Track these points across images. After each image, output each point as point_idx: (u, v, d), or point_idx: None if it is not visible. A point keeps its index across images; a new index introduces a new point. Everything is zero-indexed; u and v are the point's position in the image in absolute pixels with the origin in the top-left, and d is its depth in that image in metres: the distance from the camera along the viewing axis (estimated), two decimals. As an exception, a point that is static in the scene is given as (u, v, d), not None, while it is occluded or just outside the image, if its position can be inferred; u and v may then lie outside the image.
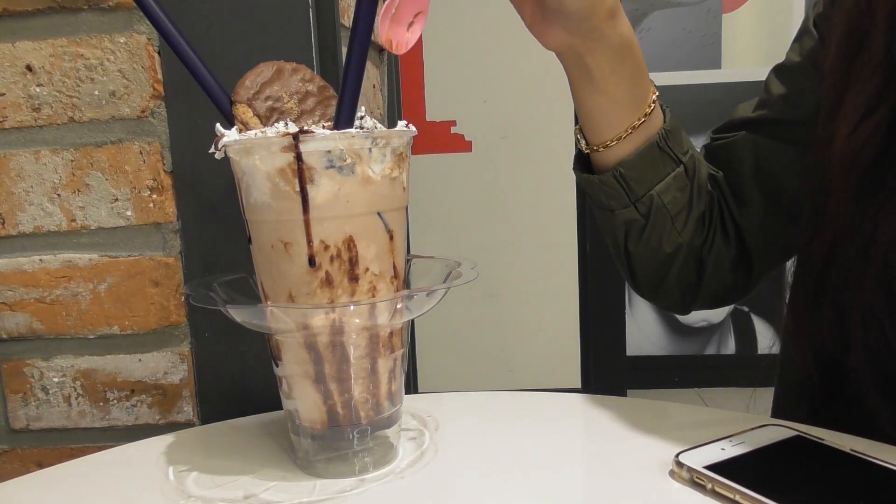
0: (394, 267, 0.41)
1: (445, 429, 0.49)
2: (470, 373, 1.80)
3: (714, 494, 0.37)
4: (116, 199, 0.58)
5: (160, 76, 0.56)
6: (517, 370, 1.81)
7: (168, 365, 0.60)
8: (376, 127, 0.40)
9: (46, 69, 0.56)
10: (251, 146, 0.38)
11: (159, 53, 0.56)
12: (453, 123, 1.74)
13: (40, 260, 0.59)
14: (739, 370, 2.46)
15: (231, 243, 0.57)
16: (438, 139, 1.74)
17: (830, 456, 0.39)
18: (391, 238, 0.40)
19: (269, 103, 0.42)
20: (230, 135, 0.39)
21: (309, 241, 0.38)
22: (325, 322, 0.39)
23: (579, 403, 0.52)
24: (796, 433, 0.42)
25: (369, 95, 0.78)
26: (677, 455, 0.40)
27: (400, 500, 0.39)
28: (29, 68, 0.56)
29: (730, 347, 2.59)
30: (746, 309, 2.55)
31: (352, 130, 0.38)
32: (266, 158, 0.38)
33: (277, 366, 0.42)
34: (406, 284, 0.45)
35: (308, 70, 0.44)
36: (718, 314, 2.56)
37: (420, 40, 0.47)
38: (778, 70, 0.61)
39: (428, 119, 1.73)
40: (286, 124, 0.39)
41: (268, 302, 0.41)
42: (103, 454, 0.48)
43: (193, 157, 0.57)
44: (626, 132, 0.54)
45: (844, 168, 0.48)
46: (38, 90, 0.57)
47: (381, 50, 0.90)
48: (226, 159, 0.40)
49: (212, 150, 0.40)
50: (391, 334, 0.42)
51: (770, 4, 2.40)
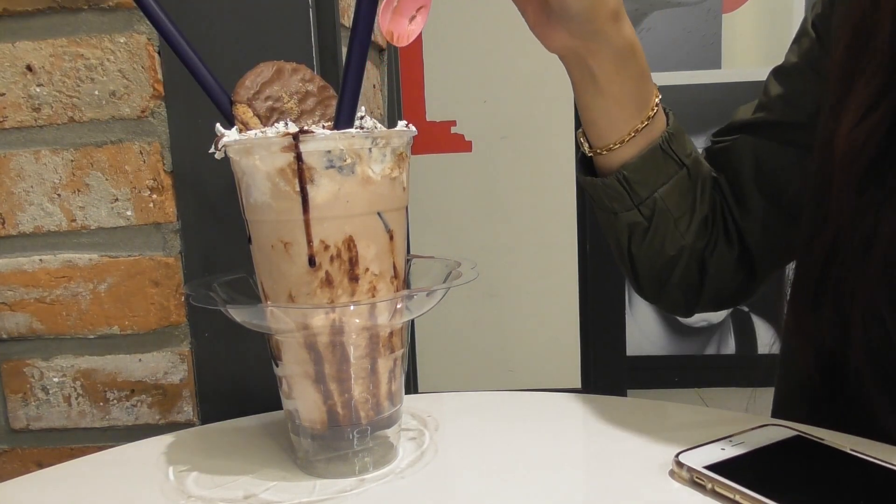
0: (394, 267, 0.41)
1: (445, 429, 0.49)
2: (470, 373, 1.80)
3: (714, 494, 0.37)
4: (116, 199, 0.58)
5: (160, 76, 0.56)
6: (517, 370, 1.81)
7: (168, 365, 0.60)
8: (376, 127, 0.40)
9: (46, 69, 0.56)
10: (251, 146, 0.38)
11: (159, 53, 0.56)
12: (453, 123, 1.74)
13: (40, 260, 0.59)
14: (739, 370, 2.46)
15: (231, 243, 0.57)
16: (438, 139, 1.73)
17: (830, 456, 0.39)
18: (391, 238, 0.40)
19: (269, 103, 0.42)
20: (230, 135, 0.39)
21: (309, 241, 0.38)
22: (325, 322, 0.39)
23: (579, 403, 0.52)
24: (796, 433, 0.42)
25: (369, 95, 0.78)
26: (677, 455, 0.40)
27: (400, 500, 0.39)
28: (29, 68, 0.56)
29: (730, 347, 2.59)
30: (746, 309, 2.55)
31: (352, 130, 0.38)
32: (266, 158, 0.38)
33: (277, 366, 0.42)
34: (406, 284, 0.45)
35: (308, 70, 0.44)
36: (718, 314, 2.56)
37: (420, 40, 0.47)
38: (777, 72, 0.61)
39: (428, 119, 1.73)
40: (286, 124, 0.39)
41: (268, 302, 0.41)
42: (103, 454, 0.48)
43: (193, 157, 0.57)
44: (630, 135, 0.54)
45: (846, 165, 0.48)
46: (38, 90, 0.57)
47: (381, 50, 0.90)
48: (226, 159, 0.40)
49: (212, 150, 0.40)
50: (391, 334, 0.42)
51: (770, 4, 2.40)
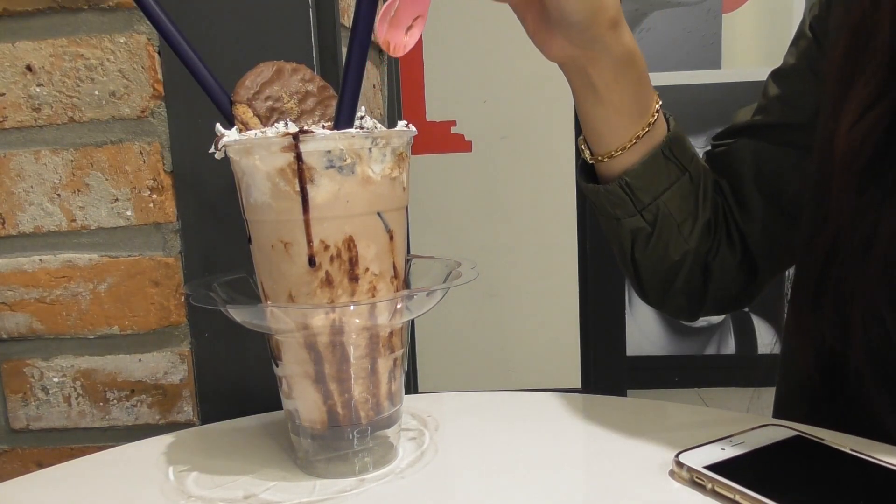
0: (394, 267, 0.41)
1: (445, 429, 0.49)
2: (470, 373, 1.80)
3: (714, 494, 0.37)
4: (116, 199, 0.58)
5: (160, 76, 0.56)
6: (517, 370, 1.81)
7: (168, 365, 0.60)
8: (376, 127, 0.40)
9: (46, 69, 0.56)
10: (251, 146, 0.38)
11: (159, 53, 0.56)
12: (453, 123, 1.74)
13: (40, 260, 0.59)
14: (739, 370, 2.46)
15: (231, 243, 0.57)
16: (438, 139, 1.73)
17: (830, 456, 0.39)
18: (391, 238, 0.40)
19: (269, 103, 0.42)
20: (230, 135, 0.39)
21: (309, 241, 0.38)
22: (325, 322, 0.39)
23: (579, 403, 0.52)
24: (796, 433, 0.42)
25: (369, 95, 0.78)
26: (677, 455, 0.40)
27: (400, 500, 0.39)
28: (29, 68, 0.56)
29: (730, 347, 2.59)
30: (746, 309, 2.55)
31: (352, 130, 0.38)
32: (266, 158, 0.38)
33: (277, 366, 0.42)
34: (406, 284, 0.45)
35: (308, 70, 0.44)
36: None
37: (420, 40, 0.47)
38: (775, 74, 0.61)
39: (428, 119, 1.73)
40: (286, 124, 0.39)
41: (268, 302, 0.41)
42: (103, 454, 0.48)
43: (193, 157, 0.57)
44: (631, 142, 0.54)
45: (845, 164, 0.48)
46: (38, 90, 0.57)
47: (382, 50, 0.90)
48: (226, 159, 0.40)
49: (212, 150, 0.40)
50: (391, 334, 0.42)
51: (770, 4, 2.40)
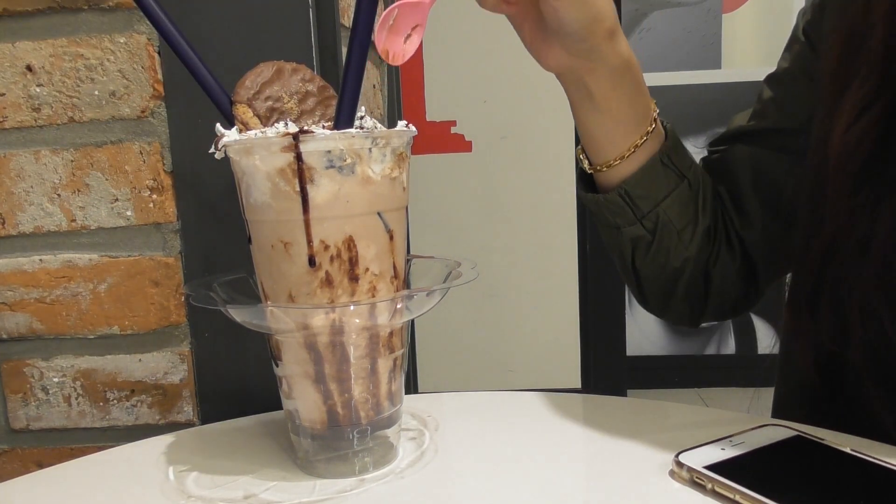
0: (394, 267, 0.41)
1: (445, 429, 0.49)
2: (470, 373, 1.80)
3: (714, 494, 0.37)
4: (116, 199, 0.58)
5: (160, 76, 0.56)
6: (517, 370, 1.81)
7: (168, 365, 0.60)
8: (376, 127, 0.40)
9: (46, 69, 0.56)
10: (251, 146, 0.38)
11: (159, 53, 0.56)
12: (453, 123, 1.74)
13: (40, 260, 0.59)
14: (739, 370, 2.46)
15: (231, 243, 0.57)
16: (438, 139, 1.74)
17: (830, 456, 0.39)
18: (391, 238, 0.40)
19: (269, 103, 0.42)
20: (230, 135, 0.39)
21: (309, 241, 0.38)
22: (325, 322, 0.39)
23: (579, 403, 0.52)
24: (796, 433, 0.42)
25: (369, 95, 0.78)
26: (677, 455, 0.40)
27: (400, 500, 0.39)
28: (29, 68, 0.56)
29: (730, 347, 2.59)
30: (746, 309, 2.55)
31: (352, 130, 0.38)
32: (266, 158, 0.38)
33: (277, 366, 0.42)
34: (406, 284, 0.45)
35: (308, 70, 0.44)
36: (718, 314, 2.56)
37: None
38: (770, 79, 0.61)
39: (428, 119, 1.73)
40: (286, 124, 0.39)
41: (268, 302, 0.41)
42: (103, 454, 0.48)
43: (193, 157, 0.57)
44: (629, 151, 0.54)
45: (841, 164, 0.48)
46: (38, 90, 0.57)
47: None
48: (226, 159, 0.40)
49: (212, 150, 0.40)
50: (391, 334, 0.42)
51: (770, 4, 2.40)
